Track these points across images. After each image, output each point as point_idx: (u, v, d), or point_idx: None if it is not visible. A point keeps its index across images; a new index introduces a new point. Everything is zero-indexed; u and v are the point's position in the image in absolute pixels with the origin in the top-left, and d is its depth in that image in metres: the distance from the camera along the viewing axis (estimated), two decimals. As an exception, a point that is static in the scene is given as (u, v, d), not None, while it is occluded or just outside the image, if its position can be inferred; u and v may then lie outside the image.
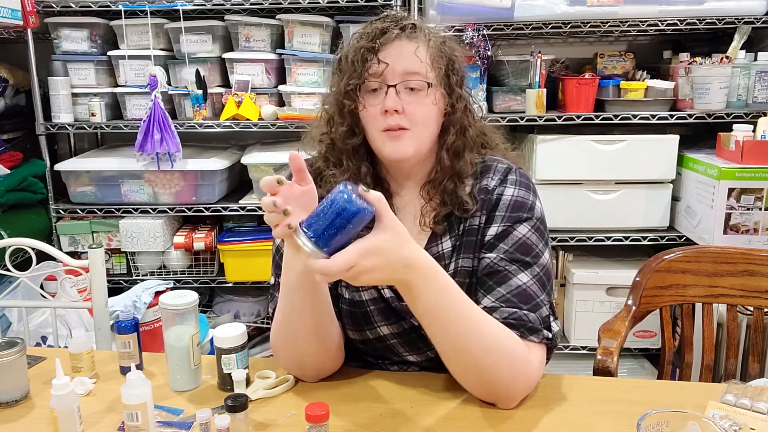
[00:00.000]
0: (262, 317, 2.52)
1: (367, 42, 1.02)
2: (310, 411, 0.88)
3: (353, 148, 1.08)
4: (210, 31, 2.27)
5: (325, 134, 1.12)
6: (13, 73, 2.38)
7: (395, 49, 1.02)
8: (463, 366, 0.97)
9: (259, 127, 2.25)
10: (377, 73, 1.02)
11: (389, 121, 1.02)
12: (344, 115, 1.07)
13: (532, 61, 2.20)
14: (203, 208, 2.29)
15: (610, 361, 1.25)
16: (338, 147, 1.09)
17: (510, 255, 1.03)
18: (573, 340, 2.31)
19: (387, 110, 1.01)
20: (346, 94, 1.04)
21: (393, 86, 1.02)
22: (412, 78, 1.02)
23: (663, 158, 2.18)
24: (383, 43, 1.02)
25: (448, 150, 1.08)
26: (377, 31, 1.03)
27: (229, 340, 1.06)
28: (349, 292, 1.11)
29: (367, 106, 1.04)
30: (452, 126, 1.08)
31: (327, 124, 1.11)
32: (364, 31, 1.05)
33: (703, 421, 0.78)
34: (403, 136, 1.03)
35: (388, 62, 1.01)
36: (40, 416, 1.02)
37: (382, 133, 1.04)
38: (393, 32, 1.02)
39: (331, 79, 1.12)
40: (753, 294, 1.37)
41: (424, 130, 1.05)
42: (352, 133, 1.07)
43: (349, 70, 1.04)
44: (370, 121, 1.05)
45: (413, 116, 1.03)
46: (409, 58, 1.02)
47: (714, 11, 2.10)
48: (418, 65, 1.02)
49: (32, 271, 1.52)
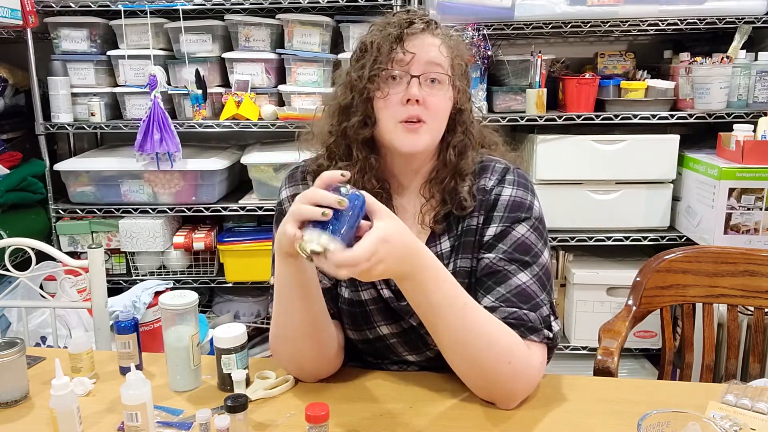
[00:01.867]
0: (262, 317, 2.52)
1: (395, 30, 1.02)
2: (310, 411, 0.88)
3: (364, 139, 1.07)
4: (210, 31, 2.27)
5: (334, 125, 1.10)
6: (12, 72, 2.38)
7: (420, 41, 1.03)
8: (464, 362, 0.98)
9: (258, 126, 2.25)
10: (403, 61, 1.02)
11: (410, 111, 1.02)
12: (359, 104, 1.05)
13: (532, 61, 2.20)
14: (203, 208, 2.29)
15: (611, 362, 1.24)
16: (349, 138, 1.08)
17: (509, 255, 1.03)
18: (573, 341, 2.31)
19: (410, 99, 1.01)
20: (370, 80, 1.03)
21: (416, 77, 1.02)
22: (435, 69, 1.03)
23: (663, 158, 2.18)
24: (410, 34, 1.02)
25: (455, 147, 1.08)
26: (404, 21, 1.03)
27: (229, 341, 1.06)
28: (349, 291, 1.11)
29: (387, 95, 1.03)
30: (459, 125, 1.09)
31: (338, 115, 1.09)
32: (389, 21, 1.05)
33: (704, 421, 0.78)
34: (420, 129, 1.03)
35: (414, 52, 1.02)
36: (39, 416, 1.02)
37: (399, 124, 1.03)
38: (419, 25, 1.03)
39: (349, 68, 1.09)
40: (753, 294, 1.37)
41: (439, 124, 1.05)
42: (365, 123, 1.06)
43: (374, 56, 1.02)
44: (388, 110, 1.03)
45: (432, 108, 1.03)
46: (433, 51, 1.03)
47: (714, 11, 2.10)
48: (441, 59, 1.03)
49: (32, 271, 1.52)
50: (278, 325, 1.04)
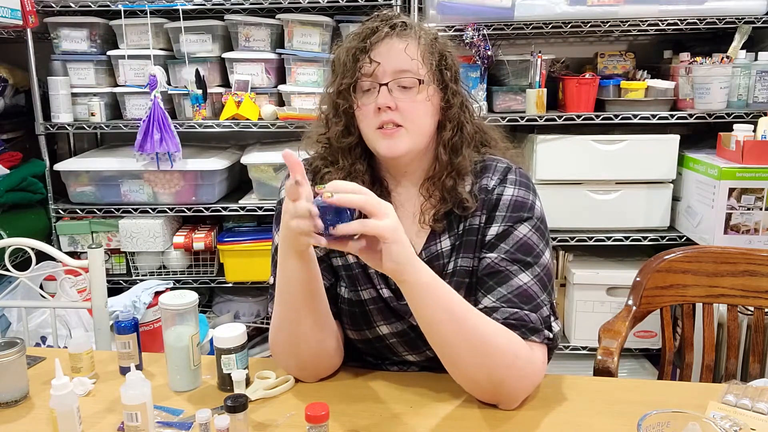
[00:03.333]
0: (261, 317, 2.52)
1: (359, 42, 1.04)
2: (310, 411, 0.88)
3: (349, 147, 1.10)
4: (210, 31, 2.27)
5: (322, 135, 1.13)
6: (12, 72, 2.38)
7: (385, 48, 1.03)
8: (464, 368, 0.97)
9: (258, 126, 2.25)
10: (369, 72, 1.03)
11: (383, 118, 1.03)
12: (339, 115, 1.08)
13: (532, 61, 2.20)
14: (203, 208, 2.29)
15: (611, 362, 1.24)
16: (334, 146, 1.11)
17: (511, 255, 1.03)
18: (573, 341, 2.31)
19: (380, 107, 1.02)
20: (340, 94, 1.06)
21: (385, 84, 1.03)
22: (402, 76, 1.03)
23: (663, 158, 2.18)
24: (374, 43, 1.03)
25: (446, 146, 1.08)
26: (368, 30, 1.05)
27: (229, 341, 1.06)
28: (348, 291, 1.11)
29: (361, 106, 1.05)
30: (449, 122, 1.09)
31: (324, 125, 1.13)
32: (356, 32, 1.07)
33: (704, 421, 0.78)
34: (396, 133, 1.03)
35: (379, 61, 1.02)
36: (39, 416, 1.02)
37: (377, 131, 1.04)
38: (383, 31, 1.04)
39: (327, 80, 1.13)
40: (753, 294, 1.37)
41: (419, 126, 1.05)
42: (348, 132, 1.09)
43: (342, 70, 1.05)
44: (364, 120, 1.06)
45: (406, 113, 1.03)
46: (400, 56, 1.03)
47: (714, 11, 2.10)
48: (408, 63, 1.03)
49: (32, 271, 1.52)
50: (280, 326, 1.04)
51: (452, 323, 0.93)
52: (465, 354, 0.95)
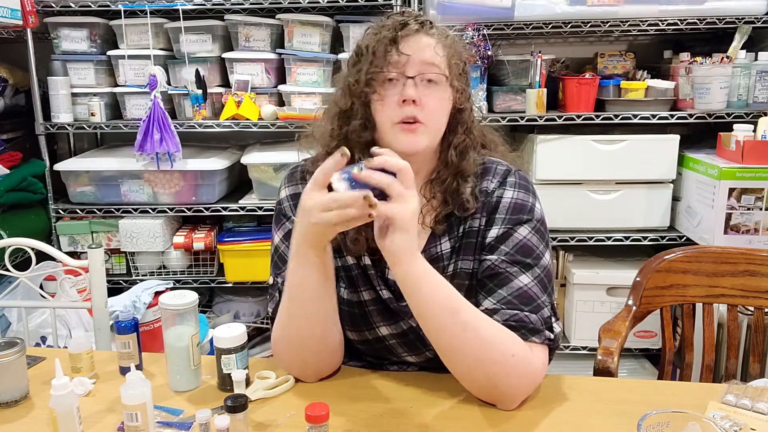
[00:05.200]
0: (261, 317, 2.52)
1: (389, 32, 1.03)
2: (310, 411, 0.88)
3: (366, 142, 1.06)
4: (210, 31, 2.27)
5: (335, 129, 1.09)
6: (12, 72, 2.38)
7: (415, 42, 1.03)
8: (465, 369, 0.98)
9: (258, 126, 2.25)
10: (398, 63, 1.02)
11: (406, 112, 1.01)
12: (359, 108, 1.06)
13: (532, 61, 2.20)
14: (203, 208, 2.29)
15: (611, 362, 1.24)
16: (351, 142, 1.07)
17: (511, 257, 1.04)
18: (573, 341, 2.31)
19: (405, 100, 1.01)
20: (366, 83, 1.03)
21: (412, 77, 1.02)
22: (430, 70, 1.02)
23: (663, 158, 2.18)
24: (404, 36, 1.02)
25: (456, 148, 1.08)
26: (397, 24, 1.03)
27: (229, 341, 1.05)
28: (348, 292, 1.11)
29: (384, 96, 1.03)
30: (459, 125, 1.09)
31: (339, 119, 1.09)
32: (384, 24, 1.05)
33: (704, 421, 0.78)
34: (417, 129, 1.02)
35: (409, 54, 1.02)
36: (39, 416, 1.02)
37: (396, 125, 1.03)
38: (413, 26, 1.03)
39: (346, 72, 1.10)
40: (753, 294, 1.37)
41: (437, 124, 1.05)
42: (365, 126, 1.06)
43: (370, 59, 1.03)
44: (385, 112, 1.03)
45: (429, 109, 1.02)
46: (429, 51, 1.03)
47: (714, 11, 2.10)
48: (437, 59, 1.03)
49: (32, 271, 1.52)
50: (288, 324, 1.04)
51: (447, 316, 0.94)
52: (461, 349, 0.95)
